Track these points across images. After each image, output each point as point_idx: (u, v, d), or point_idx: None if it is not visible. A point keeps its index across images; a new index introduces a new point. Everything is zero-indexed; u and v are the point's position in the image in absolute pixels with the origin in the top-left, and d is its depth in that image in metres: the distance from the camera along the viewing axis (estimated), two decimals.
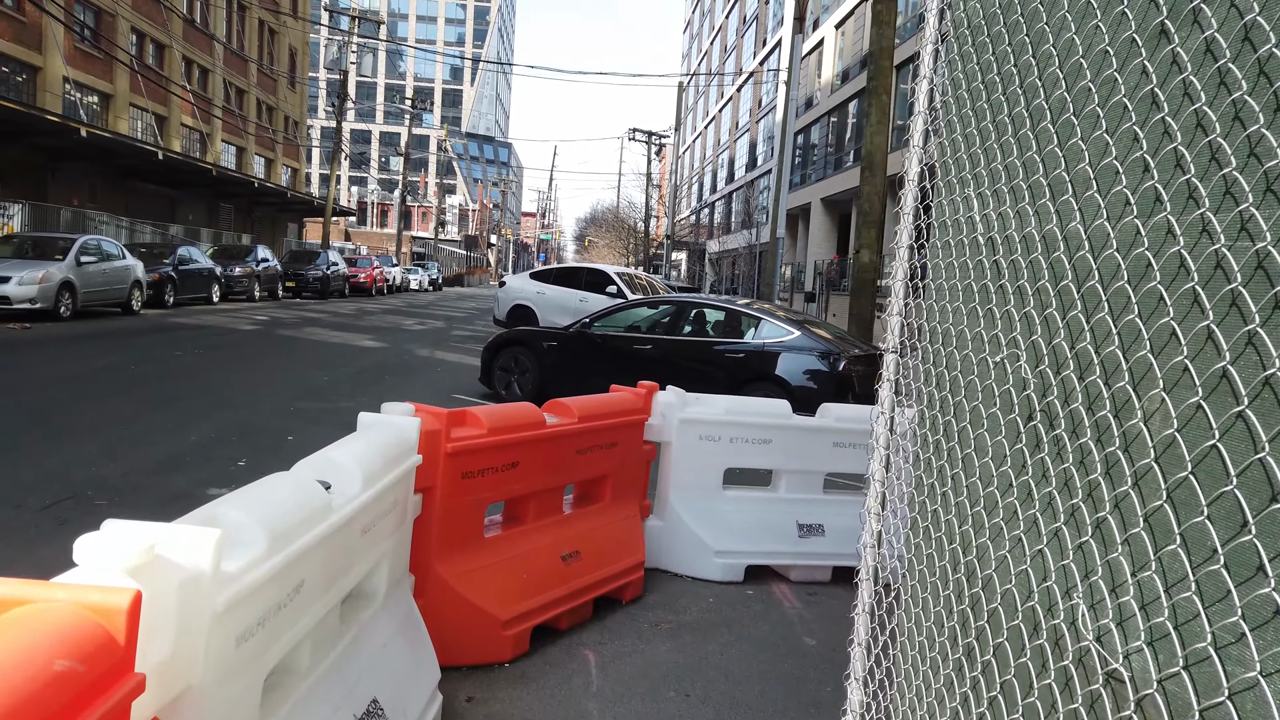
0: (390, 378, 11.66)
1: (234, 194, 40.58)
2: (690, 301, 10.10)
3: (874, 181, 13.00)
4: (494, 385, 10.56)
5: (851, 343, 9.56)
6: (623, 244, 74.03)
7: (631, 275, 17.89)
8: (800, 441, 5.08)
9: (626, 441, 4.60)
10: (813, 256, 35.08)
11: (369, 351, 14.52)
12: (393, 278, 42.45)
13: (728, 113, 59.90)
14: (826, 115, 35.02)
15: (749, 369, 9.20)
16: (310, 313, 22.99)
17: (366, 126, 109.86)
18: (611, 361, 9.94)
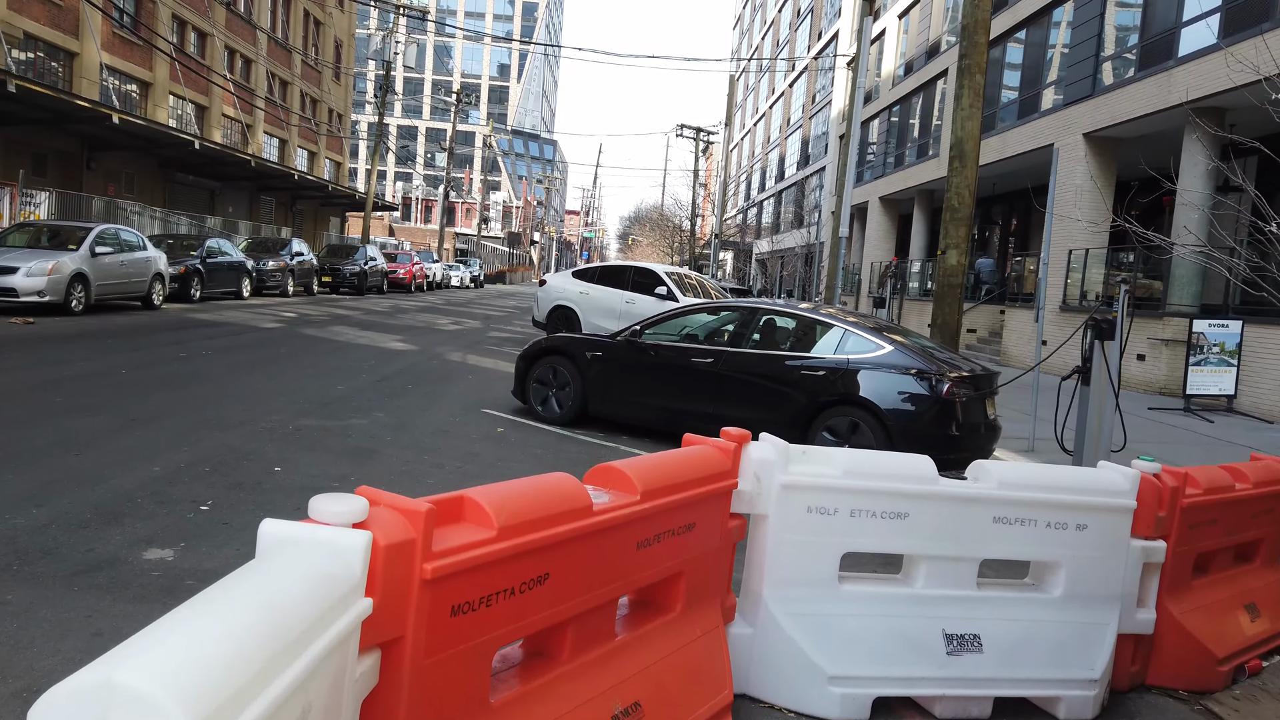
0: (414, 388, 10.34)
1: (275, 187, 39.87)
2: (757, 307, 8.62)
3: (964, 173, 11.41)
4: (529, 400, 9.19)
5: (952, 360, 8.02)
6: (667, 243, 72.58)
7: (682, 275, 16.44)
8: (949, 516, 3.60)
9: (707, 520, 3.17)
10: (869, 258, 33.34)
11: (396, 355, 13.25)
12: (433, 274, 41.45)
13: (779, 109, 58.12)
14: (886, 110, 33.26)
15: (830, 389, 7.71)
16: (342, 309, 21.88)
17: (412, 122, 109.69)
18: (665, 377, 8.51)
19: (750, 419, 8.15)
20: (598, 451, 7.94)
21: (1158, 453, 9.77)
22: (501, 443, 7.83)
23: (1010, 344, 20.90)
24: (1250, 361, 13.03)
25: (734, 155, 77.35)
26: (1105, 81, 18.22)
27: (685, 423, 8.62)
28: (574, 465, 7.21)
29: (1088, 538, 3.78)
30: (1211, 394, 13.00)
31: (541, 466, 7.05)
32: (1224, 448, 10.56)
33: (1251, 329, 13.01)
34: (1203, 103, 15.01)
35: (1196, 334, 12.90)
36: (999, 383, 8.20)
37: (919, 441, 7.45)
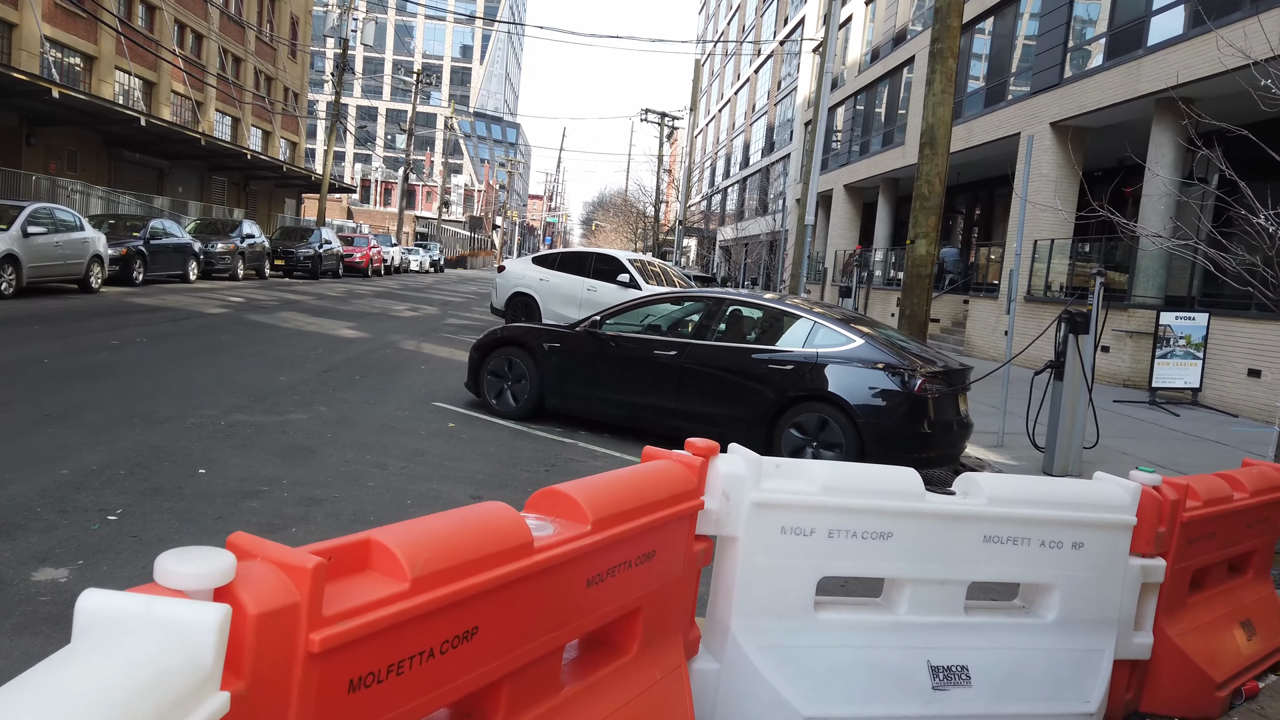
0: (363, 379, 9.84)
1: (228, 167, 38.72)
2: (722, 297, 8.24)
3: (935, 160, 11.12)
4: (483, 393, 8.74)
5: (923, 354, 7.71)
6: (631, 229, 72.07)
7: (645, 262, 16.03)
8: (936, 535, 3.25)
9: (669, 546, 2.78)
10: (833, 246, 33.17)
11: (347, 343, 12.70)
12: (391, 258, 40.58)
13: (744, 95, 57.78)
14: (852, 97, 33.03)
15: (798, 384, 7.37)
16: (293, 294, 21.16)
17: (373, 103, 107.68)
18: (625, 370, 8.12)
19: (715, 414, 7.80)
20: (554, 448, 7.53)
21: (1127, 448, 9.59)
22: (452, 439, 7.38)
23: (974, 334, 20.80)
24: (1215, 354, 12.95)
25: (699, 141, 76.90)
26: (1073, 71, 18.08)
27: (647, 418, 8.25)
28: (528, 464, 6.80)
29: (1085, 557, 3.45)
30: (1177, 387, 12.91)
31: (493, 466, 6.63)
32: (1192, 442, 10.42)
33: (1217, 321, 12.93)
34: (1172, 92, 14.88)
35: (1163, 326, 12.78)
36: (971, 378, 7.91)
37: (890, 439, 7.15)
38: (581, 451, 7.54)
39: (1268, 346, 12.15)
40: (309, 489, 5.40)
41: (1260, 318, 12.44)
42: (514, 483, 6.21)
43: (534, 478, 6.44)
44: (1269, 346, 12.14)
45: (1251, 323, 12.56)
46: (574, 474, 6.66)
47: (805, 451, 7.33)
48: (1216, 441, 10.53)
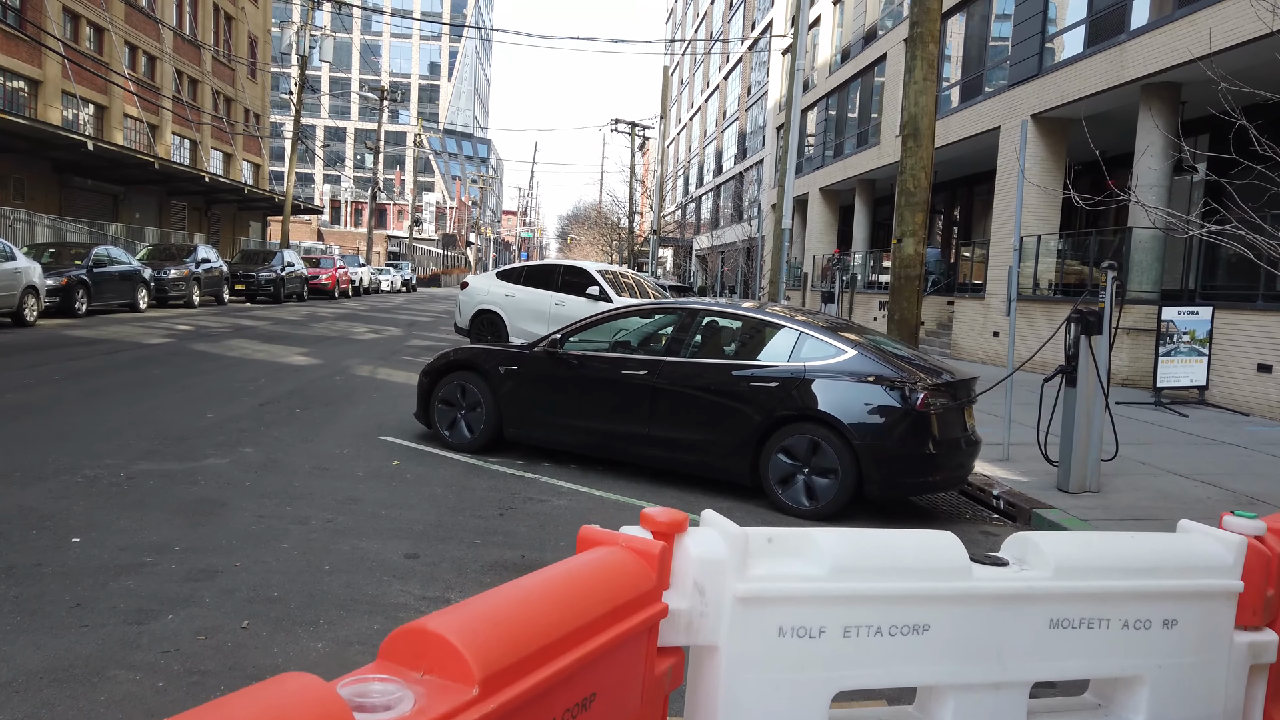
0: (304, 412, 8.90)
1: (187, 191, 37.56)
2: (696, 308, 7.38)
3: (919, 153, 10.35)
4: (434, 423, 7.84)
5: (923, 364, 6.89)
6: (606, 241, 71.29)
7: (617, 274, 15.18)
8: (987, 623, 2.40)
9: (616, 682, 1.91)
10: (811, 251, 32.48)
11: (294, 371, 11.75)
12: (359, 279, 39.55)
13: (714, 103, 57.21)
14: (824, 99, 32.42)
15: (785, 403, 6.52)
16: (249, 320, 20.14)
17: (340, 123, 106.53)
18: (591, 393, 7.24)
19: (692, 440, 6.94)
20: (513, 486, 6.64)
21: (1143, 456, 8.81)
22: (394, 481, 6.48)
23: (961, 336, 20.09)
24: (1220, 350, 12.25)
25: (671, 150, 76.33)
26: (1052, 60, 17.44)
27: (617, 446, 7.38)
28: (480, 508, 5.90)
29: (1179, 638, 2.61)
30: (1182, 385, 12.18)
31: (438, 512, 5.73)
32: (1210, 446, 9.66)
33: (1221, 314, 12.23)
34: (1156, 78, 14.26)
35: (1166, 322, 12.06)
36: (978, 389, 7.09)
37: (891, 462, 6.31)
38: (544, 488, 6.66)
39: (1279, 339, 11.45)
40: (205, 557, 4.48)
41: (1268, 309, 11.74)
42: (460, 534, 5.31)
43: (485, 525, 5.55)
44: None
45: (1259, 314, 11.86)
46: (534, 516, 5.79)
47: (796, 479, 6.48)
48: (1235, 445, 9.78)
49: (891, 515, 6.70)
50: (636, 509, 6.34)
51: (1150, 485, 7.74)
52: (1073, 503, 7.06)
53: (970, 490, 7.60)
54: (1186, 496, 7.39)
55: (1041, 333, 16.54)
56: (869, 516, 6.60)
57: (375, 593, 4.20)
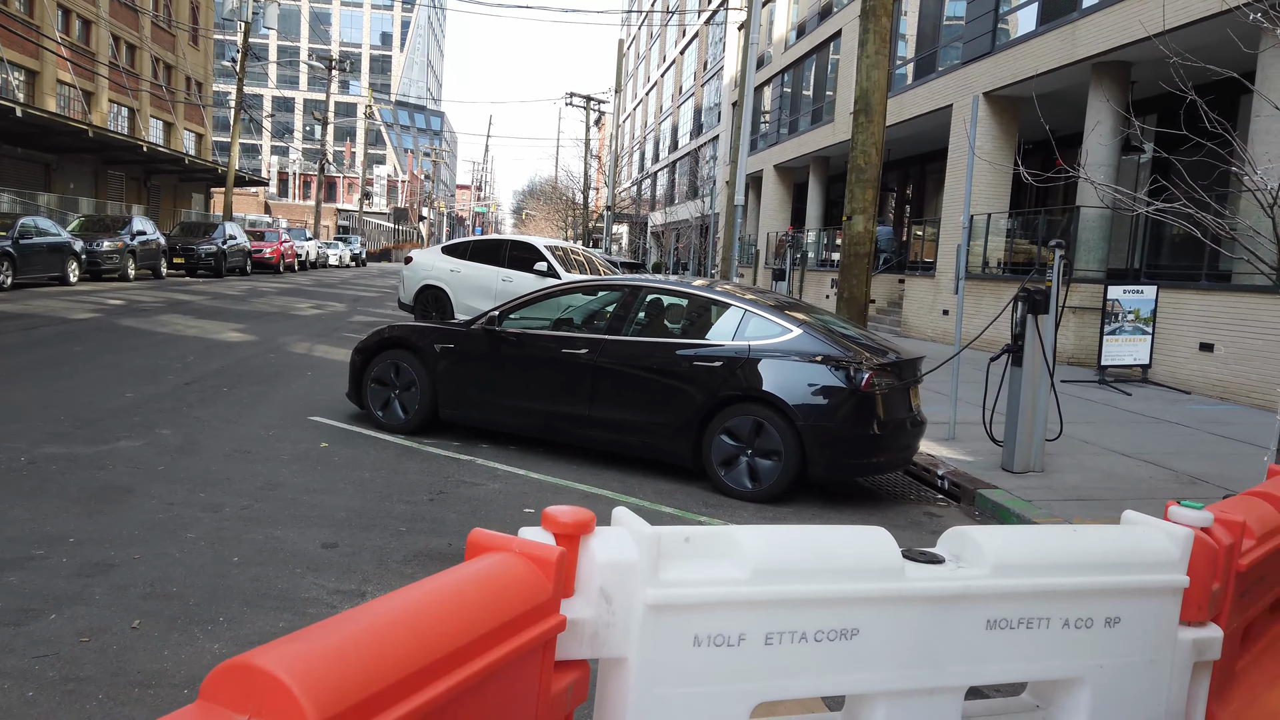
0: (231, 391, 8.53)
1: (124, 160, 36.28)
2: (639, 285, 7.14)
3: (870, 129, 10.19)
4: (366, 404, 7.53)
5: (869, 344, 6.75)
6: (561, 217, 70.65)
7: (567, 250, 14.88)
8: (921, 626, 2.23)
9: (501, 703, 1.69)
10: (765, 228, 32.39)
11: (227, 348, 11.31)
12: (305, 253, 38.63)
13: (670, 77, 56.73)
14: (779, 75, 32.22)
15: (729, 383, 6.34)
16: (186, 294, 19.48)
17: (289, 93, 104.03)
18: (530, 372, 7.00)
19: (634, 421, 6.73)
20: (447, 469, 6.38)
21: (1086, 435, 8.81)
22: (320, 464, 6.18)
23: (911, 314, 20.14)
24: (1165, 328, 12.35)
25: (627, 125, 75.73)
26: (1006, 38, 17.41)
27: (557, 427, 7.14)
28: (409, 492, 5.65)
29: (1122, 637, 2.47)
30: (1127, 364, 12.27)
31: (364, 497, 5.46)
32: (1152, 425, 9.71)
33: (1165, 294, 12.32)
34: (1108, 56, 14.27)
35: (1111, 301, 12.12)
36: (924, 368, 6.97)
37: (835, 443, 6.17)
38: (480, 471, 6.41)
39: (1220, 318, 11.56)
40: (101, 549, 4.18)
41: (1211, 288, 11.85)
42: (385, 520, 5.05)
43: (413, 511, 5.29)
44: (1221, 318, 11.55)
45: (1202, 294, 11.96)
46: (466, 501, 5.55)
47: (739, 461, 6.31)
48: (1177, 423, 9.85)
49: (836, 497, 6.58)
50: (575, 492, 6.13)
51: (1094, 465, 7.72)
52: (1017, 483, 7.00)
53: (915, 470, 7.51)
54: (1130, 476, 7.37)
55: (990, 311, 16.61)
56: (813, 499, 6.47)
57: (285, 586, 3.94)
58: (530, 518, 5.41)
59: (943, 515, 6.48)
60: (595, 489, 6.21)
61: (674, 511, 5.85)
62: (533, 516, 5.45)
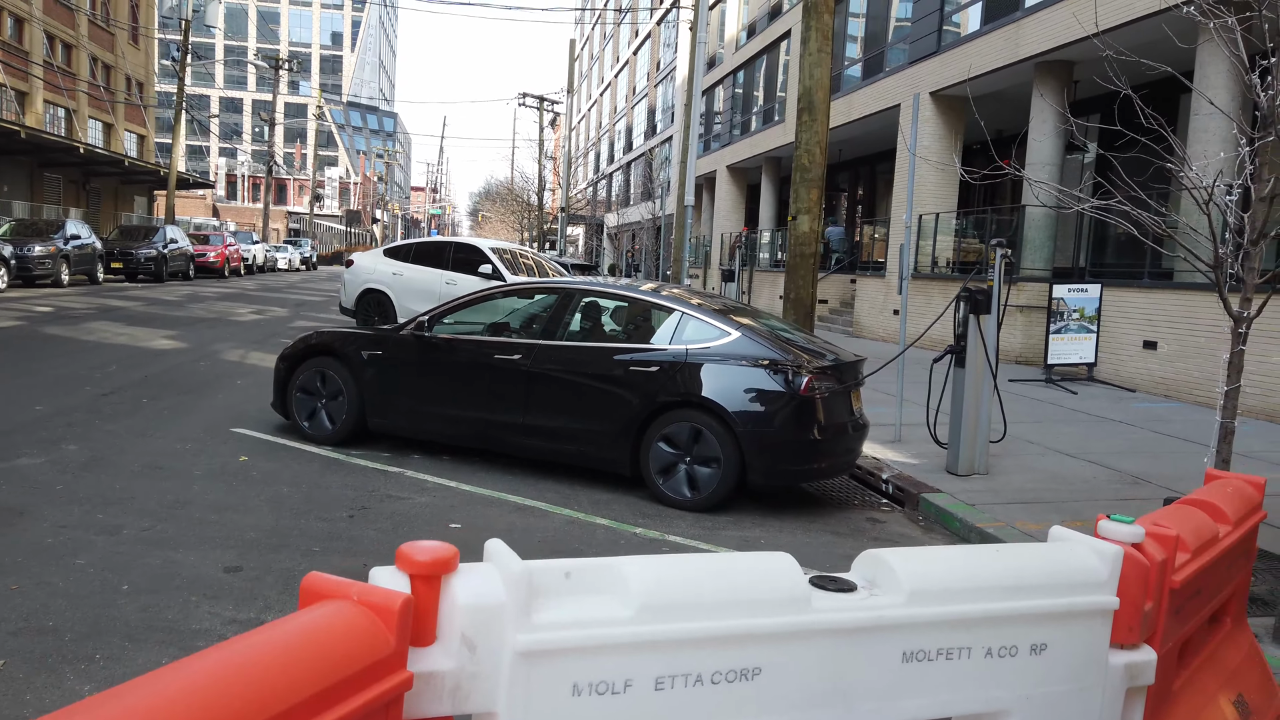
0: (152, 402, 8.15)
1: (61, 162, 35.19)
2: (574, 289, 6.92)
3: (814, 127, 10.09)
4: (292, 414, 7.22)
5: (809, 346, 6.60)
6: (517, 219, 70.10)
7: (515, 252, 14.62)
8: (831, 662, 2.04)
9: None
10: (719, 229, 32.33)
11: (155, 356, 10.88)
12: (252, 256, 37.79)
13: (624, 78, 56.57)
14: (731, 75, 32.20)
15: (667, 388, 6.15)
16: (120, 300, 18.84)
17: (237, 94, 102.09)
18: (462, 379, 6.75)
19: (570, 429, 6.51)
20: (373, 481, 6.11)
21: (1031, 435, 8.76)
22: (236, 480, 5.88)
23: (863, 314, 20.16)
24: (1109, 327, 12.42)
25: (582, 126, 75.43)
26: (953, 37, 17.47)
27: (490, 435, 6.90)
28: (329, 509, 5.37)
29: (1049, 664, 2.30)
30: (1072, 363, 12.32)
31: (279, 515, 5.17)
32: (1096, 424, 9.71)
33: (1109, 292, 12.39)
34: (1051, 55, 14.35)
35: (1056, 299, 12.16)
36: (865, 371, 6.84)
37: (774, 450, 6.01)
38: (408, 484, 6.15)
39: (1162, 316, 11.64)
40: None
41: (1153, 286, 11.93)
42: (298, 540, 4.78)
43: (329, 529, 5.02)
44: (1163, 316, 11.63)
45: (1144, 292, 12.04)
46: (389, 518, 5.29)
47: (677, 469, 6.12)
48: (1121, 421, 9.86)
49: (776, 504, 6.42)
50: (508, 505, 5.90)
51: (1039, 466, 7.66)
52: (961, 486, 6.90)
53: (860, 474, 7.38)
54: (1074, 478, 7.32)
55: (938, 310, 16.66)
56: (753, 506, 6.30)
57: (176, 617, 3.66)
58: (455, 534, 5.17)
59: (886, 521, 6.35)
60: (529, 501, 5.98)
61: (609, 524, 5.65)
62: (458, 533, 5.21)
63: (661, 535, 5.49)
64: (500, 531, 5.31)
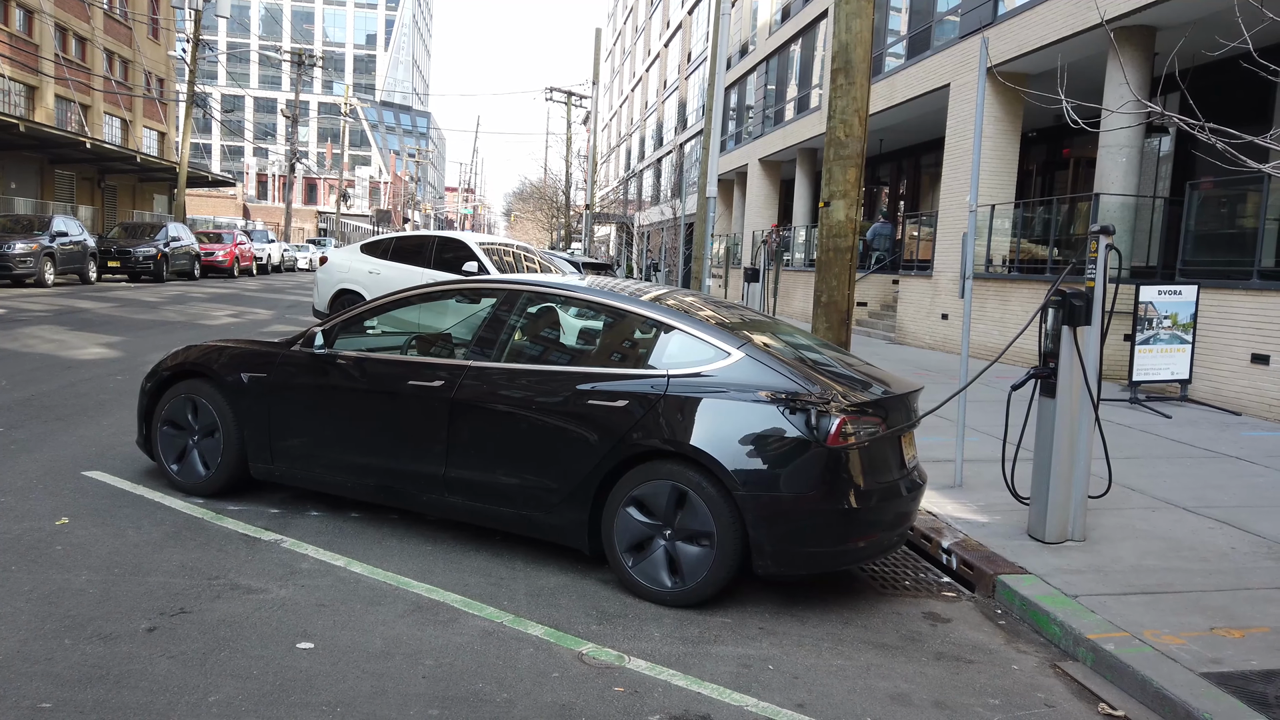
0: (10, 430, 6.48)
1: (72, 159, 34.13)
2: (526, 288, 5.07)
3: (852, 92, 8.18)
4: (157, 454, 5.48)
5: (844, 372, 4.72)
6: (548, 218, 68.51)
7: (503, 247, 12.86)
8: None
9: None
10: (750, 226, 30.35)
11: (68, 368, 9.26)
12: (266, 256, 36.49)
13: (655, 72, 54.72)
14: (764, 62, 30.22)
15: (638, 431, 4.31)
16: (92, 301, 17.38)
17: (271, 94, 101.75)
18: (364, 412, 4.95)
19: (506, 486, 4.65)
20: (227, 559, 4.35)
21: (1128, 476, 6.78)
22: (25, 559, 4.14)
23: (906, 319, 18.12)
24: (1207, 336, 10.35)
25: (614, 124, 73.67)
26: (1011, 4, 15.40)
27: (401, 490, 4.97)
28: (136, 611, 3.63)
29: None
30: (1162, 379, 10.27)
31: (42, 626, 3.43)
32: (1207, 460, 7.69)
33: (1208, 295, 10.32)
34: (1131, 19, 12.28)
35: (1143, 304, 10.11)
36: (922, 407, 4.95)
37: (790, 523, 4.14)
38: (276, 562, 4.38)
39: (1278, 324, 9.56)
40: None
41: (1265, 289, 9.84)
42: (33, 684, 3.03)
43: (101, 658, 3.26)
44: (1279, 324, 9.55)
45: (1253, 295, 9.96)
46: (211, 630, 3.55)
47: (654, 545, 4.29)
48: (1238, 458, 7.82)
49: (796, 593, 4.56)
50: (407, 601, 4.10)
51: (1151, 528, 5.70)
52: (1053, 562, 4.98)
53: (912, 537, 5.49)
54: (1204, 547, 5.35)
55: (994, 315, 14.62)
56: (762, 597, 4.45)
57: None
58: (300, 663, 3.38)
59: (952, 619, 4.46)
60: (439, 592, 4.19)
61: (544, 634, 3.83)
62: (305, 660, 3.42)
63: (620, 659, 3.66)
64: (374, 654, 3.51)
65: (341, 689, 3.22)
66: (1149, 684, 3.63)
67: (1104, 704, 3.64)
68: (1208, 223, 11.41)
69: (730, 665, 3.70)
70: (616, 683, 3.46)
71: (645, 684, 3.46)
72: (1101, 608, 4.36)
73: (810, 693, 3.50)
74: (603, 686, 3.42)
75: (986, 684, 3.72)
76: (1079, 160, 19.04)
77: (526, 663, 3.57)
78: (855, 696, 3.50)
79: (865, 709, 3.41)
